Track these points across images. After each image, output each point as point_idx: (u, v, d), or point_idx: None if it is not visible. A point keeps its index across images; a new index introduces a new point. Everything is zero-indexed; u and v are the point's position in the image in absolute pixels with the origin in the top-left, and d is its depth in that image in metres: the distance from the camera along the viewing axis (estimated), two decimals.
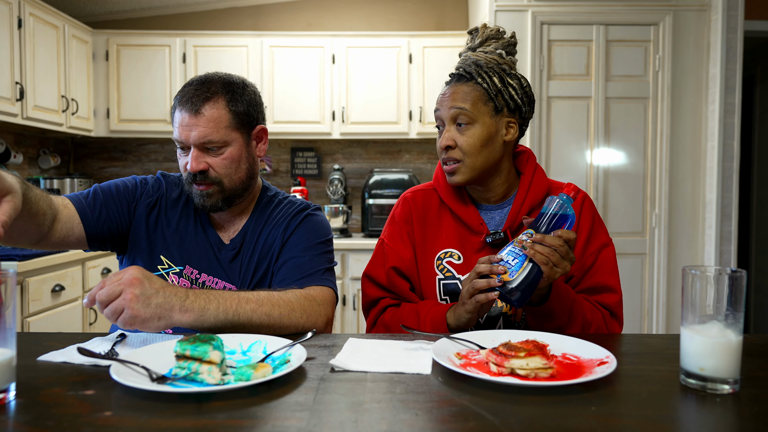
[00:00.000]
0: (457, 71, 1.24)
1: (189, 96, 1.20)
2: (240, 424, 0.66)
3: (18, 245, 1.12)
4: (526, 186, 1.27)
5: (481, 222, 1.25)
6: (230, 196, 1.25)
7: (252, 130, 1.28)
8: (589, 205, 1.29)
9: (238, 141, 1.23)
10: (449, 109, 1.21)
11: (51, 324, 2.71)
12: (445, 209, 1.30)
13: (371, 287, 1.32)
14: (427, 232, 1.30)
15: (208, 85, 1.21)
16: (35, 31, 3.11)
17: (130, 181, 1.30)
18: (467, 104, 1.19)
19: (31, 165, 3.66)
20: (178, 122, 1.21)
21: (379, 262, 1.32)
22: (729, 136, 3.16)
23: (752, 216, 4.56)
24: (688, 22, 3.21)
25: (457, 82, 1.23)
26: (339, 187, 3.83)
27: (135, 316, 0.96)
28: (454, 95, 1.21)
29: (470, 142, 1.19)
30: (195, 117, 1.18)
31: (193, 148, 1.20)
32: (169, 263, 1.25)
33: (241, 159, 1.24)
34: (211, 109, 1.19)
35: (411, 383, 0.80)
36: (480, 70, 1.21)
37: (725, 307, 0.78)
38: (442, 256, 1.27)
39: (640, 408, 0.72)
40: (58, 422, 0.67)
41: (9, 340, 0.74)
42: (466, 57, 1.25)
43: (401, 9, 4.12)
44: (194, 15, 4.12)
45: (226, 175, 1.22)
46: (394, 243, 1.31)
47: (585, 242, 1.25)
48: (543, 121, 3.24)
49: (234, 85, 1.24)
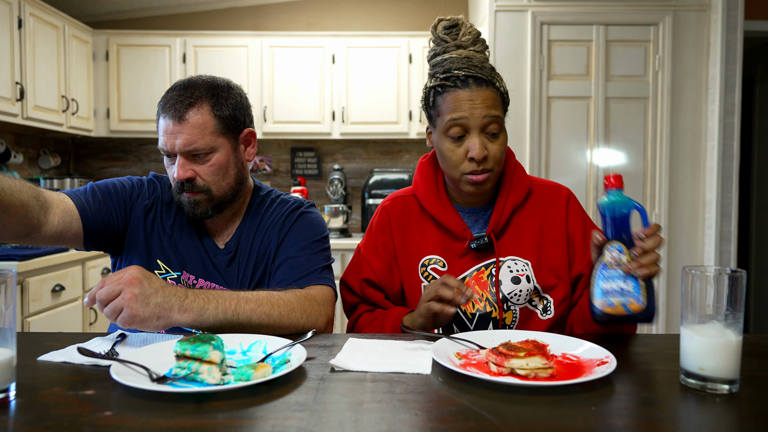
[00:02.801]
0: (472, 73, 1.14)
1: (172, 102, 1.16)
2: (240, 424, 0.66)
3: (2, 240, 1.09)
4: (507, 186, 1.25)
5: (464, 227, 1.23)
6: (220, 203, 1.22)
7: (239, 134, 1.24)
8: (575, 203, 1.28)
9: (225, 146, 1.20)
10: (483, 118, 1.12)
11: (51, 324, 2.71)
12: (425, 215, 1.28)
13: (348, 293, 1.33)
14: (408, 240, 1.27)
15: (192, 90, 1.17)
16: (35, 31, 3.11)
17: (126, 182, 1.28)
18: (498, 111, 1.15)
19: (31, 165, 3.67)
20: (162, 130, 1.17)
21: (354, 270, 1.31)
22: (729, 136, 3.16)
23: (752, 216, 4.56)
24: (688, 22, 3.21)
25: (479, 87, 1.14)
26: (339, 187, 3.83)
27: (134, 316, 0.96)
28: (486, 101, 1.13)
29: (501, 150, 1.16)
30: (179, 124, 1.15)
31: (179, 156, 1.17)
32: (167, 268, 1.24)
33: (228, 165, 1.21)
34: (195, 115, 1.15)
35: (411, 383, 0.80)
36: (494, 74, 1.17)
37: (725, 307, 0.78)
38: (426, 263, 1.25)
39: (640, 408, 0.72)
40: (58, 422, 0.67)
41: (9, 340, 0.74)
42: (466, 56, 1.16)
43: (401, 9, 4.12)
44: (194, 15, 4.12)
45: (214, 183, 1.19)
46: (368, 254, 1.29)
47: (583, 239, 1.24)
48: (543, 121, 3.24)
49: (218, 88, 1.20)
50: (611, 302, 0.96)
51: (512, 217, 1.25)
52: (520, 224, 1.24)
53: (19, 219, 1.04)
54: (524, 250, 1.23)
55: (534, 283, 1.21)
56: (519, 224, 1.24)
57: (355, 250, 1.35)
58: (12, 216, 1.03)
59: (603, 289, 0.97)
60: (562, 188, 1.30)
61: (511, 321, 1.21)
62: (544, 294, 1.22)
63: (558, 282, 1.22)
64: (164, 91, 4.14)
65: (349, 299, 1.33)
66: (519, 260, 1.22)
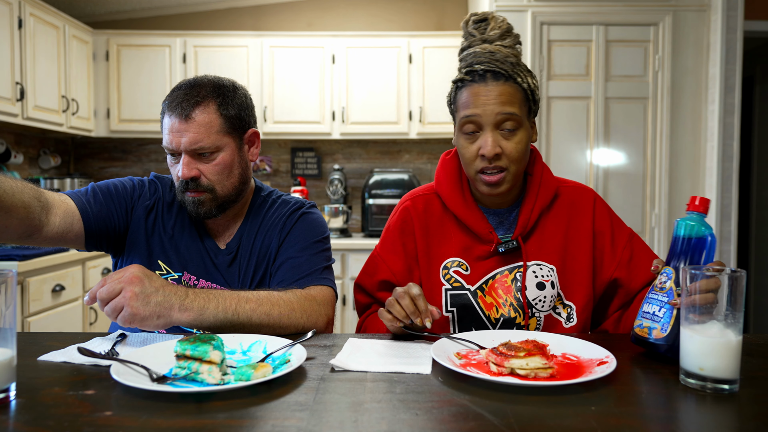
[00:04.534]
0: (491, 68, 1.11)
1: (179, 101, 1.16)
2: (240, 424, 0.66)
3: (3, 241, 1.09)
4: (535, 188, 1.20)
5: (491, 230, 1.19)
6: (223, 202, 1.22)
7: (244, 134, 1.24)
8: (602, 204, 1.25)
9: (230, 146, 1.20)
10: (496, 115, 1.09)
11: (51, 324, 2.71)
12: (448, 215, 1.23)
13: (361, 295, 1.30)
14: (431, 241, 1.23)
15: (198, 89, 1.17)
16: (35, 31, 3.11)
17: (127, 182, 1.27)
18: (515, 108, 1.10)
19: (31, 165, 3.67)
20: (167, 128, 1.17)
21: (370, 272, 1.28)
22: (728, 136, 3.16)
23: (752, 216, 4.56)
24: (688, 22, 3.21)
25: (494, 81, 1.10)
26: (339, 187, 3.83)
27: (134, 314, 0.96)
28: (500, 97, 1.09)
29: (519, 148, 1.11)
30: (185, 122, 1.15)
31: (184, 155, 1.16)
32: (168, 269, 1.24)
33: (233, 164, 1.21)
34: (201, 114, 1.15)
35: (411, 383, 0.80)
36: (517, 69, 1.12)
37: (725, 307, 0.78)
38: (448, 266, 1.20)
39: (640, 408, 0.72)
40: (58, 422, 0.67)
41: (9, 340, 0.74)
42: (489, 50, 1.13)
43: (401, 9, 4.12)
44: (194, 15, 4.12)
45: (219, 182, 1.19)
46: (386, 254, 1.25)
47: (611, 240, 1.21)
48: (543, 121, 3.24)
49: (224, 88, 1.21)
50: (642, 324, 0.94)
51: (539, 220, 1.21)
52: (546, 228, 1.21)
53: (21, 220, 1.04)
54: (550, 255, 1.19)
55: (558, 289, 1.18)
56: (545, 228, 1.21)
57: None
58: (14, 217, 1.02)
59: (643, 310, 0.95)
60: (588, 190, 1.26)
61: (534, 327, 1.17)
62: (567, 301, 1.19)
63: (580, 288, 1.18)
64: (164, 91, 4.09)
65: (362, 300, 1.30)
66: (544, 265, 1.19)
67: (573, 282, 1.19)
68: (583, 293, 1.18)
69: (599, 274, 1.21)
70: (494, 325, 1.17)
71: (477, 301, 1.18)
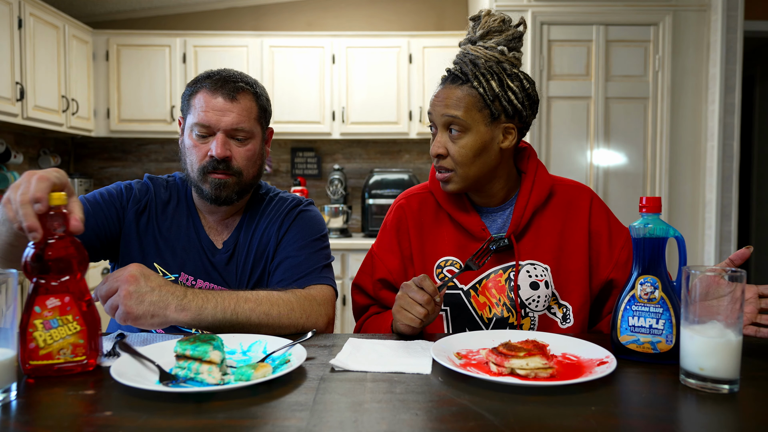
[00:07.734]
0: (453, 70, 1.14)
1: (222, 82, 1.19)
2: (240, 424, 0.66)
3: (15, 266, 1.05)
4: (528, 187, 1.19)
5: (483, 227, 1.19)
6: (242, 189, 1.23)
7: (266, 128, 1.31)
8: (599, 204, 1.23)
9: (259, 136, 1.25)
10: (441, 116, 1.12)
11: None
12: (443, 213, 1.24)
13: (360, 296, 1.29)
14: (425, 239, 1.23)
15: (237, 77, 1.22)
16: (35, 31, 3.11)
17: (115, 188, 1.26)
18: (460, 111, 1.10)
19: (31, 165, 3.66)
20: (207, 106, 1.17)
21: (368, 271, 1.28)
22: (729, 136, 3.16)
23: (752, 216, 4.56)
24: (688, 22, 3.21)
25: (451, 84, 1.12)
26: (339, 187, 3.83)
27: (128, 313, 0.96)
28: (446, 100, 1.11)
29: (462, 152, 1.11)
30: (231, 102, 1.18)
31: (220, 134, 1.18)
32: (164, 271, 1.23)
33: (258, 154, 1.25)
34: (245, 98, 1.21)
35: (411, 383, 0.80)
36: (477, 72, 1.10)
37: (725, 307, 0.78)
38: (442, 264, 1.20)
39: (640, 408, 0.72)
40: (58, 422, 0.67)
41: (10, 340, 0.74)
42: (464, 51, 1.14)
43: (401, 9, 4.12)
44: (194, 15, 4.12)
45: (246, 168, 1.22)
46: (383, 253, 1.26)
47: (608, 240, 1.20)
48: (543, 121, 3.24)
49: (256, 83, 1.27)
50: (639, 340, 0.90)
51: (533, 218, 1.20)
52: (541, 227, 1.20)
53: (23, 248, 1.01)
54: (544, 255, 1.18)
55: (552, 289, 1.17)
56: (539, 227, 1.20)
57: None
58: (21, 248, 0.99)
59: (631, 326, 0.91)
60: (585, 189, 1.25)
61: (528, 328, 1.17)
62: (563, 301, 1.18)
63: (576, 288, 1.18)
64: (164, 91, 4.08)
65: (360, 301, 1.29)
66: (538, 265, 1.18)
67: (568, 282, 1.18)
68: (579, 294, 1.18)
69: (595, 275, 1.20)
70: (487, 324, 1.17)
71: (469, 301, 1.18)
